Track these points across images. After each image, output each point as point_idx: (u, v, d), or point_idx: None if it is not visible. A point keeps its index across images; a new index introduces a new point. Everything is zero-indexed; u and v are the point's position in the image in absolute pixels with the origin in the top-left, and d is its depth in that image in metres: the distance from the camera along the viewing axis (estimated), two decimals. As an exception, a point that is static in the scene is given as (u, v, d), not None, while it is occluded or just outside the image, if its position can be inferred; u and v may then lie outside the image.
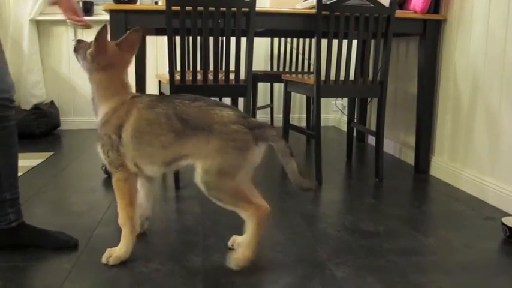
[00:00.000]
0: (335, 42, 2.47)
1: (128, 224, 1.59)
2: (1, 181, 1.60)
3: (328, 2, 2.42)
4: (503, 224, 1.86)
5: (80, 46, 1.66)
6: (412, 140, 2.98)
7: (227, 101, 4.02)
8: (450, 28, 2.64)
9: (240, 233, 1.77)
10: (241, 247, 1.57)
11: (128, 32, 1.65)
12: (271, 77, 3.74)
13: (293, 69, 4.01)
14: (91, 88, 1.65)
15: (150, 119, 1.53)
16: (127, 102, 1.59)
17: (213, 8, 2.26)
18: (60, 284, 1.43)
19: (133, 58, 1.70)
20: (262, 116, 4.28)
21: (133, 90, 1.71)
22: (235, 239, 1.72)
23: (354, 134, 3.45)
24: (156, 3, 2.80)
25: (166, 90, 2.45)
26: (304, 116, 4.32)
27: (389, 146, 3.32)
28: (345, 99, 4.12)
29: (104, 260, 1.57)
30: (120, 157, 1.56)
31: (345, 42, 2.49)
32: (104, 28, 1.56)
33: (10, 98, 1.59)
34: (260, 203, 1.57)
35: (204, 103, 1.53)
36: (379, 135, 2.65)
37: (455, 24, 2.60)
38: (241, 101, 2.68)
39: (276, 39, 4.06)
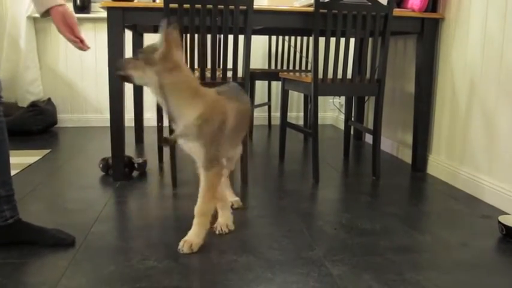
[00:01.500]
0: (333, 40, 2.47)
1: (208, 215, 1.69)
2: None
3: (326, 0, 2.42)
4: (499, 222, 1.87)
5: (126, 61, 1.60)
6: (409, 139, 2.98)
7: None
8: (448, 27, 2.65)
9: (238, 231, 1.77)
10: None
11: (167, 29, 1.53)
12: (268, 75, 3.74)
13: (291, 68, 4.01)
14: (162, 94, 1.57)
15: (243, 110, 1.79)
16: (217, 100, 1.66)
17: (211, 6, 2.26)
18: (57, 281, 1.43)
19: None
20: (259, 114, 4.29)
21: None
22: (235, 202, 2.06)
23: (351, 132, 3.46)
24: (154, 0, 2.79)
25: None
26: (301, 114, 4.33)
27: (386, 144, 3.32)
28: (343, 98, 4.13)
29: (186, 249, 1.64)
30: (218, 152, 1.64)
31: (342, 40, 2.49)
32: (174, 27, 1.52)
33: None
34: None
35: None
36: (376, 133, 2.65)
37: (452, 23, 2.60)
38: (238, 98, 2.67)
39: (273, 37, 4.06)
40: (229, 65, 2.42)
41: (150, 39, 3.94)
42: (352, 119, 3.56)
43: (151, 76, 1.56)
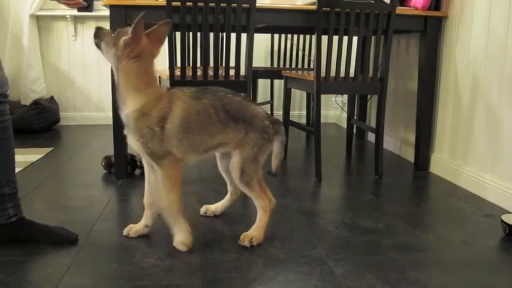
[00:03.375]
0: (335, 38, 2.46)
1: (178, 215, 1.67)
2: (1, 175, 1.59)
3: (328, -2, 2.41)
4: (502, 221, 1.86)
5: (104, 33, 1.64)
6: (412, 137, 2.98)
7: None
8: (451, 25, 2.64)
9: (239, 229, 1.77)
10: (254, 229, 1.73)
11: (159, 23, 1.64)
12: (271, 73, 3.74)
13: (293, 66, 4.00)
14: (117, 77, 1.63)
15: (199, 110, 1.63)
16: (166, 95, 1.64)
17: (213, 4, 2.26)
18: (60, 279, 1.43)
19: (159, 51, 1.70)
20: (262, 112, 4.27)
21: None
22: (208, 208, 1.98)
23: (354, 130, 3.45)
24: (157, -2, 2.79)
25: (166, 86, 2.45)
26: (304, 112, 4.32)
27: (389, 143, 3.31)
28: (345, 96, 4.12)
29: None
30: (162, 147, 1.60)
31: (345, 38, 2.48)
32: (142, 17, 1.55)
33: (4, 93, 1.57)
34: (271, 197, 1.77)
35: (241, 98, 1.72)
36: (379, 132, 2.65)
37: (456, 21, 2.59)
38: (241, 97, 2.67)
39: (276, 36, 4.05)
40: (232, 63, 2.42)
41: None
42: (355, 117, 3.55)
43: (112, 57, 1.62)
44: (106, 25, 4.04)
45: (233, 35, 2.36)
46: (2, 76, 1.56)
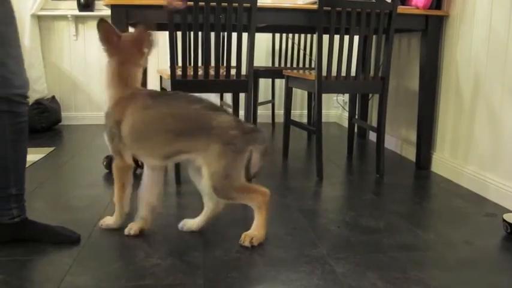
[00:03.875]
0: (336, 37, 2.46)
1: (118, 203, 1.79)
2: (9, 175, 1.60)
3: (329, -2, 2.41)
4: (504, 220, 1.86)
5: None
6: (413, 136, 2.97)
7: (228, 96, 4.02)
8: (452, 24, 2.63)
9: (241, 228, 1.77)
10: (254, 228, 1.70)
11: (101, 21, 1.67)
12: (272, 73, 3.74)
13: (294, 65, 4.00)
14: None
15: (144, 120, 1.64)
16: (125, 98, 1.67)
17: (215, 3, 2.26)
18: (62, 278, 1.43)
19: (147, 54, 1.76)
20: (263, 111, 4.28)
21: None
22: (186, 223, 1.84)
23: (355, 130, 3.45)
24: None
25: (168, 86, 2.45)
26: (305, 111, 4.32)
27: (390, 142, 3.31)
28: (346, 95, 4.12)
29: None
30: (119, 146, 1.68)
31: (346, 37, 2.48)
32: (101, 21, 1.65)
33: (24, 94, 1.58)
34: (261, 190, 1.69)
35: (200, 106, 1.63)
36: (380, 131, 2.65)
37: (457, 20, 2.59)
38: (242, 96, 2.67)
39: (277, 35, 4.05)
40: (233, 62, 2.42)
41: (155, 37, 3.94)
42: (356, 116, 3.55)
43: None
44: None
45: (234, 35, 2.36)
46: (25, 77, 1.59)
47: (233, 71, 2.45)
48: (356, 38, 2.53)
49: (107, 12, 2.48)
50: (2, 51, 1.50)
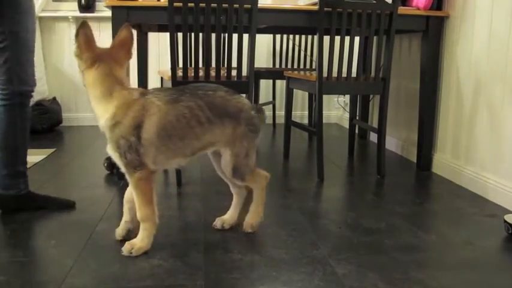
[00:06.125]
0: (337, 38, 2.46)
1: (149, 219, 1.61)
2: (20, 156, 1.93)
3: (330, -1, 2.41)
4: (505, 221, 1.86)
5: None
6: (414, 137, 2.97)
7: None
8: (453, 25, 2.63)
9: (240, 231, 1.77)
10: (251, 213, 1.80)
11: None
12: (273, 74, 3.74)
13: (295, 66, 4.00)
14: (86, 91, 1.63)
15: (177, 114, 1.56)
16: (136, 100, 1.54)
17: (215, 5, 2.26)
18: (62, 279, 1.43)
19: (130, 55, 1.65)
20: (264, 112, 4.27)
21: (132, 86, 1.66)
22: (221, 220, 1.84)
23: (356, 131, 3.45)
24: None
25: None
26: (306, 113, 4.32)
27: (391, 143, 3.31)
28: (347, 96, 4.12)
29: (125, 252, 1.58)
30: (139, 157, 1.53)
31: (347, 38, 2.48)
32: (82, 25, 1.52)
33: (32, 90, 1.97)
34: (264, 173, 1.78)
35: (224, 93, 1.65)
36: (381, 132, 2.64)
37: (458, 21, 2.59)
38: (243, 97, 2.67)
39: (278, 36, 4.06)
40: (234, 63, 2.42)
41: (155, 38, 3.95)
42: (357, 117, 3.55)
43: (79, 72, 1.63)
44: (108, 26, 4.02)
45: (235, 36, 2.36)
46: (34, 77, 1.96)
47: (234, 72, 2.45)
48: (357, 39, 2.52)
49: (108, 13, 2.48)
50: (25, 56, 1.87)
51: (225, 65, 2.41)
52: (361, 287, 1.42)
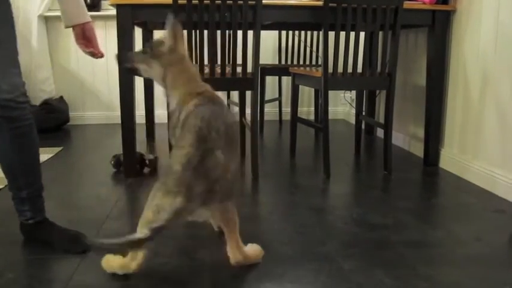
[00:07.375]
0: (342, 34, 2.45)
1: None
2: (17, 180, 1.60)
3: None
4: (513, 216, 1.85)
5: (134, 54, 1.61)
6: (421, 133, 2.96)
7: (235, 94, 4.02)
8: (459, 19, 2.61)
9: (248, 225, 1.77)
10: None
11: (174, 23, 1.57)
12: (279, 70, 3.73)
13: (301, 62, 3.99)
14: (164, 85, 1.58)
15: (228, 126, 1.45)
16: (208, 99, 1.52)
17: (220, 1, 2.26)
18: (70, 277, 1.44)
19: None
20: (270, 109, 4.28)
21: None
22: None
23: (363, 126, 3.43)
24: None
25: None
26: (312, 109, 4.32)
27: (398, 139, 3.30)
28: (354, 92, 4.10)
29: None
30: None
31: (352, 34, 2.47)
32: (178, 22, 1.55)
33: (14, 99, 1.49)
34: None
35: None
36: (387, 127, 2.63)
37: (464, 15, 2.57)
38: (248, 94, 2.67)
39: (283, 32, 4.05)
40: (239, 60, 2.42)
41: (160, 35, 3.95)
42: (363, 113, 3.54)
43: (157, 68, 1.58)
44: (113, 24, 4.03)
45: (240, 32, 2.36)
46: (15, 80, 1.51)
47: (239, 69, 2.45)
48: (362, 34, 2.51)
49: (114, 12, 2.49)
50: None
51: (230, 62, 2.41)
52: (368, 283, 1.42)
